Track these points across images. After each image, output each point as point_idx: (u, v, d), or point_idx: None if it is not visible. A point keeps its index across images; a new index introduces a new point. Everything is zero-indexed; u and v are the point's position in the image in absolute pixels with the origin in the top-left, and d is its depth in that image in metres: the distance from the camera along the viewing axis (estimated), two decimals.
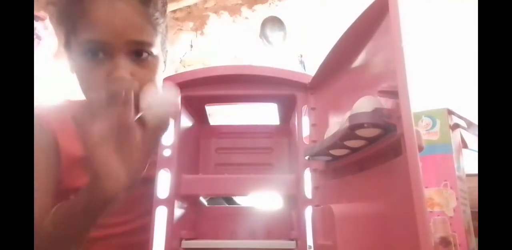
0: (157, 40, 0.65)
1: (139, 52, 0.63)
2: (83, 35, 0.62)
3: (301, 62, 2.49)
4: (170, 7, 2.84)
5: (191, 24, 2.87)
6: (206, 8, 2.87)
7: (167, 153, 0.61)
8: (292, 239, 0.60)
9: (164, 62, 0.71)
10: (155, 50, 0.64)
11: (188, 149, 0.67)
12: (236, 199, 1.11)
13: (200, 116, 0.72)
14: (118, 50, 0.61)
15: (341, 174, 0.53)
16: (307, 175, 0.60)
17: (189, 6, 2.88)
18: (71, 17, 0.62)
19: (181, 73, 0.70)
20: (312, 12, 2.59)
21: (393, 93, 0.38)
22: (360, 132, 0.41)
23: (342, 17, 2.51)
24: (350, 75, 0.53)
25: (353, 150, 0.47)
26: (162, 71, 0.70)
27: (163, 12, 0.66)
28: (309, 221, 0.57)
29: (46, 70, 1.80)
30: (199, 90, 0.66)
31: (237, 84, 0.65)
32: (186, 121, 0.67)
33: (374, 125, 0.40)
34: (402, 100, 0.36)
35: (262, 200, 0.77)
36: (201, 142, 0.73)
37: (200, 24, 2.85)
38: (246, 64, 0.91)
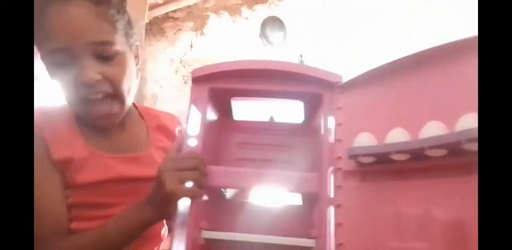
0: (119, 37, 0.65)
1: (103, 52, 0.63)
2: (45, 46, 0.62)
3: (301, 62, 2.49)
4: (170, 7, 2.83)
5: (191, 24, 2.86)
6: (206, 8, 2.87)
7: (193, 142, 0.60)
8: (311, 238, 0.59)
9: (136, 56, 0.71)
10: (119, 47, 0.64)
11: (210, 141, 0.66)
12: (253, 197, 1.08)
13: (224, 110, 0.72)
14: (80, 53, 0.61)
15: (390, 178, 0.55)
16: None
17: (189, 6, 2.88)
18: (35, 32, 0.61)
19: (209, 65, 0.70)
20: (312, 12, 2.62)
21: None
22: (467, 146, 0.44)
23: (342, 17, 2.55)
24: (419, 85, 0.55)
25: (417, 158, 0.50)
26: (136, 66, 0.71)
27: (121, 8, 0.66)
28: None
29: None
30: (226, 83, 0.65)
31: (265, 79, 0.65)
32: (211, 114, 0.66)
33: None
34: None
35: (280, 197, 0.76)
36: (222, 135, 0.72)
37: (200, 24, 2.84)
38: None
